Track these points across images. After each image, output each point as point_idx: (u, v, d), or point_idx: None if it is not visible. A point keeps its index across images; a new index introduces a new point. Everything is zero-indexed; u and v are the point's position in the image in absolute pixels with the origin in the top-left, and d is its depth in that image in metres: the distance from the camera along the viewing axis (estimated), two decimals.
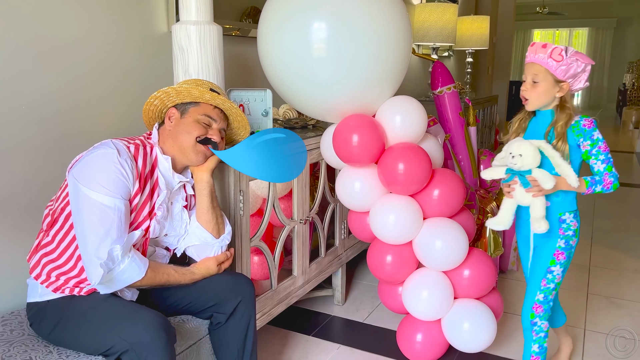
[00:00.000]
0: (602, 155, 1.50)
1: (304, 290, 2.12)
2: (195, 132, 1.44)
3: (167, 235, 1.49)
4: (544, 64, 1.51)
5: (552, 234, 1.60)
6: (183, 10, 1.79)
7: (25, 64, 1.55)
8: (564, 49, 1.49)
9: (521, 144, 1.51)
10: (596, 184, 1.51)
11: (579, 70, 1.50)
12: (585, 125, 1.51)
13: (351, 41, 1.79)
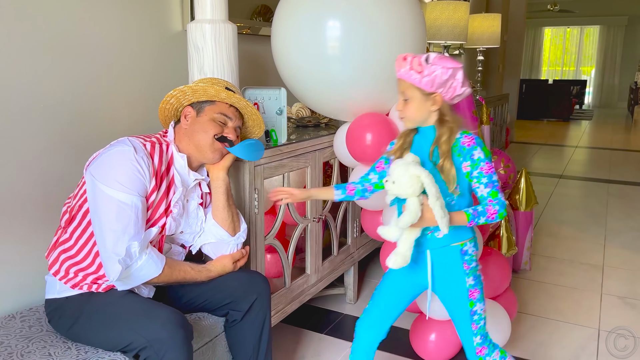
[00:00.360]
0: (485, 178, 1.30)
1: (317, 289, 2.12)
2: (211, 130, 1.45)
3: (183, 232, 1.50)
4: (408, 78, 1.33)
5: (456, 273, 1.40)
6: (198, 9, 1.79)
7: (43, 62, 1.57)
8: (425, 57, 1.30)
9: (396, 169, 1.30)
10: (479, 215, 1.30)
11: (445, 77, 1.29)
12: (465, 144, 1.31)
13: (365, 39, 1.79)
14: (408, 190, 1.27)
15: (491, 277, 1.89)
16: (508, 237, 2.33)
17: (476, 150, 1.30)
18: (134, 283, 1.32)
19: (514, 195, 2.77)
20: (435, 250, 1.40)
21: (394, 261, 1.32)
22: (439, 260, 1.41)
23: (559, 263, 2.98)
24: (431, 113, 1.35)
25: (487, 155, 1.31)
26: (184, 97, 1.47)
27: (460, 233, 1.37)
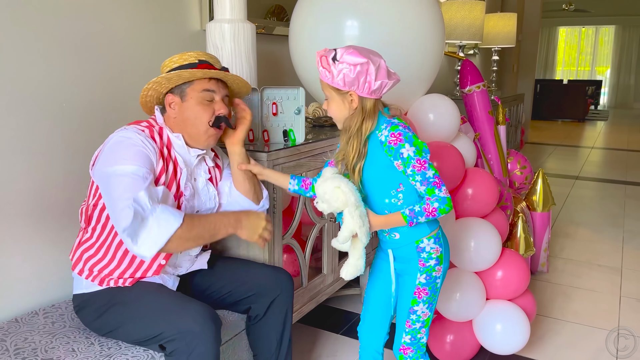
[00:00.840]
0: (418, 175, 1.23)
1: (333, 289, 2.12)
2: (203, 116, 1.37)
3: (199, 212, 1.46)
4: (323, 77, 1.27)
5: (410, 267, 1.37)
6: (217, 9, 1.80)
7: (63, 62, 1.58)
8: (332, 56, 1.22)
9: (318, 189, 1.29)
10: (417, 215, 1.25)
11: (354, 74, 1.21)
12: (391, 142, 1.24)
13: (383, 39, 1.79)
14: (337, 204, 1.25)
15: (509, 279, 1.88)
16: (525, 237, 2.31)
17: (404, 148, 1.23)
18: (157, 240, 1.20)
19: (531, 196, 2.74)
20: (395, 249, 1.39)
21: (346, 272, 1.33)
22: (399, 258, 1.39)
23: (576, 265, 2.95)
24: (352, 111, 1.28)
25: (419, 151, 1.23)
26: (161, 87, 1.40)
27: (415, 231, 1.33)
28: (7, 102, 1.44)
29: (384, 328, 1.50)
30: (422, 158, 1.24)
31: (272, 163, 1.68)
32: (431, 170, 1.25)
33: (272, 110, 1.81)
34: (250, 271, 1.49)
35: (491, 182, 1.90)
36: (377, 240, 1.51)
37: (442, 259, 1.37)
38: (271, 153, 1.66)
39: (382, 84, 1.24)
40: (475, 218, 1.88)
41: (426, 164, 1.24)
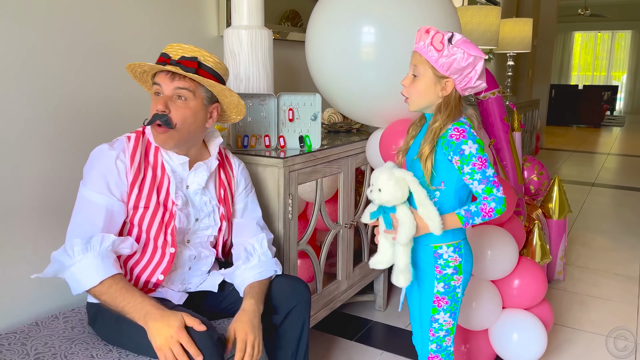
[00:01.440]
0: (478, 174, 1.20)
1: (348, 295, 2.11)
2: (151, 112, 1.32)
3: (199, 220, 1.43)
4: (424, 52, 1.22)
5: (427, 274, 1.34)
6: (235, 15, 1.82)
7: (83, 67, 1.60)
8: (449, 36, 1.18)
9: (380, 175, 1.23)
10: (473, 215, 1.22)
11: (464, 64, 1.18)
12: (453, 137, 1.21)
13: (400, 45, 1.78)
14: (397, 194, 1.21)
15: (526, 287, 1.86)
16: (542, 245, 2.28)
17: (466, 145, 1.20)
18: (72, 286, 1.23)
19: (547, 203, 2.72)
20: (413, 248, 1.35)
21: (403, 280, 1.29)
22: (416, 259, 1.36)
23: (593, 273, 2.91)
24: (437, 99, 1.25)
25: (481, 149, 1.21)
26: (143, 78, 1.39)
27: (437, 235, 1.28)
28: (25, 104, 1.46)
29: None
30: (483, 156, 1.21)
31: (289, 169, 1.68)
32: (491, 169, 1.22)
33: (288, 116, 1.81)
34: None
35: (509, 190, 1.89)
36: None
37: (461, 269, 1.34)
38: (287, 159, 1.66)
39: (479, 85, 1.24)
40: (492, 226, 1.87)
41: (486, 162, 1.21)
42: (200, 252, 1.47)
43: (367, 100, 1.87)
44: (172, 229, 1.36)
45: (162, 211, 1.34)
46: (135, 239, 1.35)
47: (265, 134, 1.80)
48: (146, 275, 1.36)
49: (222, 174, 1.50)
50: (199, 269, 1.48)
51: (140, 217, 1.33)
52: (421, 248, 1.35)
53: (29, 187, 1.47)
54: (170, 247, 1.37)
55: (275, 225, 1.70)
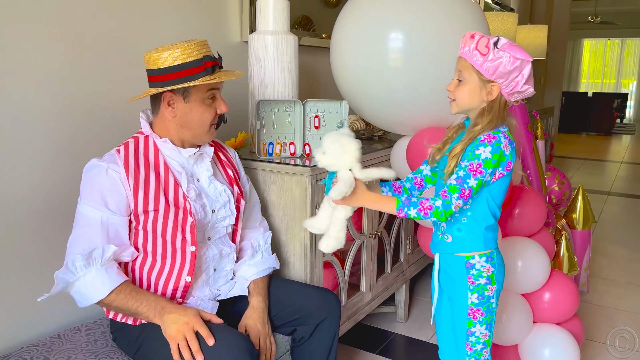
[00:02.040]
0: (463, 172, 1.18)
1: (371, 307, 2.06)
2: (208, 117, 1.33)
3: (215, 211, 1.39)
4: (469, 57, 1.21)
5: (458, 285, 1.30)
6: (260, 20, 1.78)
7: (104, 72, 1.57)
8: (494, 40, 1.17)
9: (326, 139, 1.21)
10: (410, 205, 1.20)
11: (510, 67, 1.16)
12: (482, 140, 1.19)
13: (428, 51, 1.74)
14: (339, 159, 1.18)
15: (558, 302, 1.80)
16: (569, 256, 2.22)
17: (484, 148, 1.17)
18: (80, 301, 1.23)
19: (571, 213, 2.65)
20: (443, 255, 1.33)
21: (327, 244, 1.25)
22: (445, 267, 1.33)
23: (617, 286, 2.84)
24: (482, 103, 1.23)
25: (489, 163, 1.17)
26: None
27: (468, 244, 1.27)
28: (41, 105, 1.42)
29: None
30: (484, 169, 1.18)
31: (315, 178, 1.63)
32: (475, 182, 1.19)
33: (314, 124, 1.77)
34: (295, 293, 1.45)
35: (539, 200, 1.83)
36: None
37: (494, 279, 1.30)
38: (314, 168, 1.62)
39: (526, 90, 1.21)
40: (522, 237, 1.81)
41: (481, 175, 1.18)
42: (222, 250, 1.43)
43: (393, 107, 1.83)
44: (190, 225, 1.31)
45: (175, 210, 1.30)
46: (152, 246, 1.31)
47: (291, 141, 1.76)
48: (173, 282, 1.31)
49: (221, 156, 1.49)
50: (223, 269, 1.44)
51: (152, 221, 1.29)
52: (451, 258, 1.31)
53: (51, 196, 1.43)
54: (191, 246, 1.32)
55: (301, 235, 1.65)
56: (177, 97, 1.29)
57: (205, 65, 1.27)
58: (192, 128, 1.33)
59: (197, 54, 1.27)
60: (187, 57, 1.26)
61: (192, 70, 1.26)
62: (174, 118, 1.31)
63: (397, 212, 1.21)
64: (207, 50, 1.31)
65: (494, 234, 1.31)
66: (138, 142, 1.32)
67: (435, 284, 1.38)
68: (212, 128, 1.36)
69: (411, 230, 2.30)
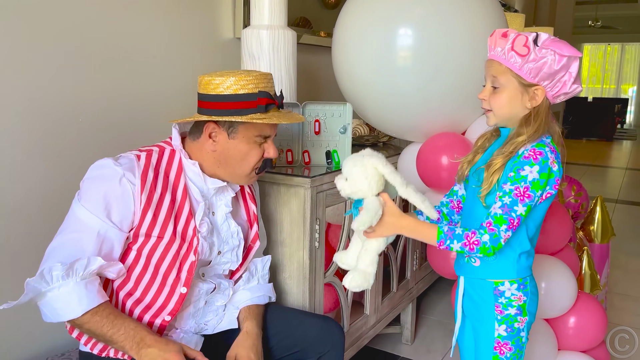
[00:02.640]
0: (509, 199, 1.02)
1: (375, 331, 1.87)
2: (252, 159, 1.18)
3: (221, 253, 1.24)
4: (505, 60, 1.05)
5: (485, 314, 1.14)
6: (255, 14, 1.60)
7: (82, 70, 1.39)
8: (533, 37, 1.01)
9: (347, 162, 1.07)
10: (453, 238, 1.04)
11: (557, 67, 1.01)
12: (526, 157, 1.03)
13: (441, 49, 1.56)
14: (363, 184, 1.04)
15: (585, 328, 1.62)
16: (592, 274, 2.05)
17: (530, 167, 1.02)
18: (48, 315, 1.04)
19: (588, 225, 2.48)
20: (468, 279, 1.17)
21: (351, 279, 1.08)
22: (471, 292, 1.17)
23: (634, 301, 2.67)
24: (525, 110, 1.07)
25: (537, 184, 1.02)
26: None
27: (499, 269, 1.12)
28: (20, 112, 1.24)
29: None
30: (532, 192, 1.03)
31: (316, 190, 1.45)
32: (523, 209, 1.03)
33: (314, 129, 1.59)
34: (295, 322, 1.28)
35: (564, 213, 1.66)
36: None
37: (525, 310, 1.14)
38: (315, 178, 1.43)
39: (574, 90, 1.05)
40: (546, 256, 1.63)
41: (529, 200, 1.03)
42: (220, 283, 1.26)
43: (403, 110, 1.65)
44: (190, 265, 1.15)
45: (179, 243, 1.14)
46: (140, 272, 1.14)
47: (288, 148, 1.58)
48: (149, 317, 1.15)
49: (247, 189, 1.33)
50: (214, 303, 1.27)
51: (151, 247, 1.12)
52: (478, 283, 1.16)
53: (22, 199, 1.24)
54: (182, 287, 1.15)
55: (300, 254, 1.46)
56: (220, 131, 1.16)
57: (259, 102, 1.13)
58: (231, 166, 1.18)
59: (253, 88, 1.13)
60: (239, 88, 1.12)
61: (241, 104, 1.12)
62: (213, 152, 1.17)
63: (438, 244, 1.06)
64: (266, 85, 1.16)
65: (529, 261, 1.14)
66: (162, 155, 1.16)
67: (458, 309, 1.22)
68: (253, 172, 1.20)
69: (418, 244, 2.12)
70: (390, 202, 1.09)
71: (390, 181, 1.06)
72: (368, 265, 1.08)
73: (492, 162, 1.07)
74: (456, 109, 1.65)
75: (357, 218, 1.04)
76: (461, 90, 1.61)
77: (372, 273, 1.09)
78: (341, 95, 1.80)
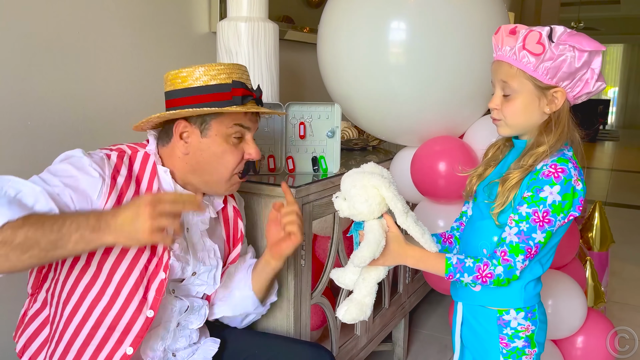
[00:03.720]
0: (526, 224, 0.90)
1: (366, 352, 1.72)
2: (230, 160, 1.04)
3: (196, 274, 1.10)
4: (516, 62, 0.91)
5: (488, 347, 1.02)
6: (232, 5, 1.44)
7: (41, 65, 1.21)
8: (547, 32, 0.88)
9: (345, 180, 0.96)
10: (464, 271, 0.93)
11: (578, 64, 0.88)
12: (545, 175, 0.90)
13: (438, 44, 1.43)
14: (362, 207, 0.93)
15: (594, 349, 1.49)
16: (595, 286, 1.93)
17: (550, 188, 0.89)
18: None
19: (586, 232, 2.37)
20: (467, 305, 1.04)
21: (345, 311, 0.97)
22: (471, 321, 1.04)
23: (634, 311, 2.56)
24: (544, 116, 0.94)
25: (559, 208, 0.89)
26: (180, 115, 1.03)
27: (503, 296, 0.99)
28: None
29: None
30: (552, 217, 0.89)
31: (302, 201, 1.29)
32: (542, 236, 0.90)
33: (299, 132, 1.43)
34: (279, 350, 1.13)
35: (572, 225, 1.52)
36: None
37: (534, 341, 1.01)
38: (300, 188, 1.27)
39: (598, 88, 0.93)
40: (552, 270, 1.50)
41: (549, 226, 0.90)
42: (194, 302, 1.10)
43: (396, 112, 1.51)
44: (158, 283, 0.99)
45: (148, 256, 0.98)
46: (99, 291, 0.96)
47: (270, 154, 1.42)
48: (106, 351, 0.96)
49: (229, 207, 1.18)
50: (188, 327, 1.11)
51: (114, 261, 0.96)
52: (479, 311, 1.02)
53: None
54: (149, 309, 0.98)
55: (284, 274, 1.30)
56: (192, 129, 1.03)
57: (234, 93, 1.01)
58: (207, 172, 1.05)
59: (226, 77, 1.02)
60: (210, 78, 1.01)
61: (214, 96, 1.00)
62: (185, 156, 1.04)
63: (447, 277, 0.95)
64: (240, 75, 1.05)
65: (538, 287, 1.01)
66: (135, 157, 1.03)
67: (456, 338, 1.07)
68: (234, 177, 1.07)
69: None
70: (394, 227, 0.95)
71: (391, 207, 0.93)
72: (365, 295, 0.96)
73: (507, 177, 0.94)
74: (454, 111, 1.51)
75: (356, 252, 0.92)
76: (460, 89, 1.47)
77: (369, 304, 0.97)
78: (327, 95, 1.65)
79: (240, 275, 1.19)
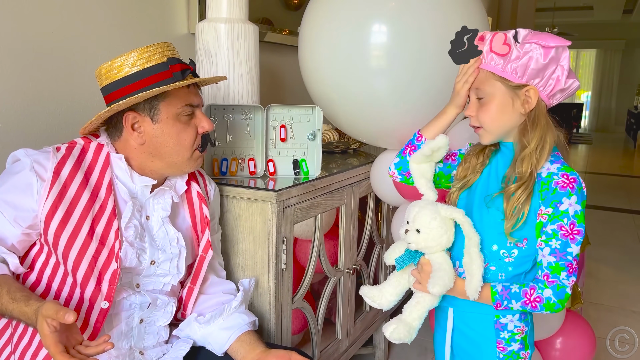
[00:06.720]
0: (557, 241, 0.90)
1: (347, 356, 1.71)
2: (186, 138, 1.06)
3: (155, 263, 1.07)
4: (485, 65, 0.94)
5: (484, 352, 1.02)
6: (211, 5, 1.42)
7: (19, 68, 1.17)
8: (512, 34, 0.92)
9: (421, 212, 0.96)
10: (511, 298, 0.93)
11: (545, 60, 0.89)
12: (558, 184, 0.91)
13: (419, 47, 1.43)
14: (441, 239, 0.95)
15: (573, 350, 1.51)
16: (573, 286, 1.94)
17: (569, 199, 0.90)
18: None
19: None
20: (460, 311, 1.03)
21: (393, 330, 0.98)
22: (463, 328, 1.03)
23: (608, 311, 2.61)
24: (521, 117, 0.95)
25: (581, 216, 0.91)
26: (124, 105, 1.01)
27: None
28: None
29: None
30: (580, 226, 0.91)
31: (283, 204, 1.28)
32: (576, 248, 0.91)
33: (279, 135, 1.42)
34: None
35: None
36: None
37: (527, 342, 1.02)
38: (282, 192, 1.26)
39: (571, 85, 0.93)
40: None
41: (580, 236, 0.91)
42: (157, 299, 1.08)
43: (377, 114, 1.50)
44: (111, 274, 0.97)
45: (96, 247, 0.97)
46: (59, 285, 0.98)
47: (250, 157, 1.40)
48: None
49: (194, 192, 1.17)
50: (154, 323, 1.09)
51: (63, 251, 0.96)
52: (472, 317, 1.02)
53: None
54: (103, 301, 0.97)
55: (264, 278, 1.29)
56: (142, 118, 1.03)
57: (173, 70, 1.02)
58: (168, 155, 1.06)
59: (160, 57, 1.02)
60: (146, 61, 1.01)
61: (155, 77, 1.01)
62: (141, 146, 1.05)
63: (495, 305, 0.95)
64: (172, 52, 1.06)
65: None
66: (87, 148, 1.04)
67: (446, 348, 1.06)
68: (195, 153, 1.09)
69: None
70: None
71: (468, 234, 0.95)
72: (415, 319, 0.99)
73: (510, 191, 0.93)
74: (435, 114, 1.51)
75: (434, 281, 0.93)
76: (441, 91, 1.47)
77: (416, 328, 1.00)
78: (308, 98, 1.64)
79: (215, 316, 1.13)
